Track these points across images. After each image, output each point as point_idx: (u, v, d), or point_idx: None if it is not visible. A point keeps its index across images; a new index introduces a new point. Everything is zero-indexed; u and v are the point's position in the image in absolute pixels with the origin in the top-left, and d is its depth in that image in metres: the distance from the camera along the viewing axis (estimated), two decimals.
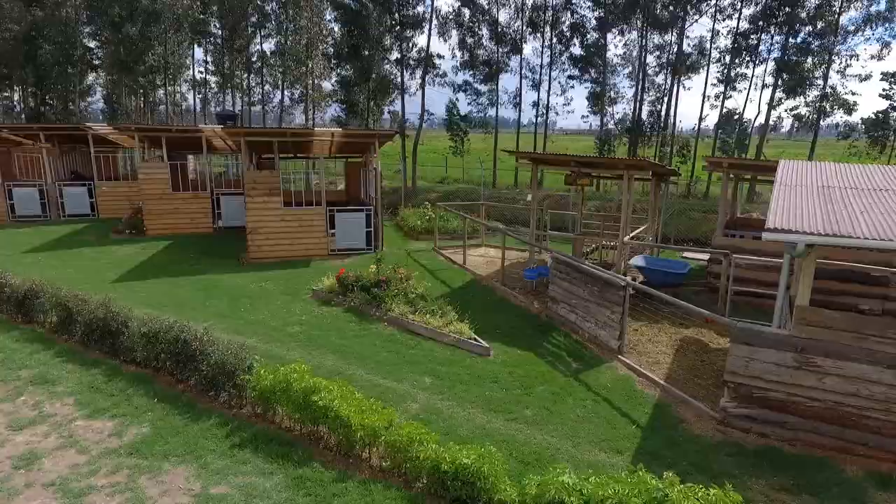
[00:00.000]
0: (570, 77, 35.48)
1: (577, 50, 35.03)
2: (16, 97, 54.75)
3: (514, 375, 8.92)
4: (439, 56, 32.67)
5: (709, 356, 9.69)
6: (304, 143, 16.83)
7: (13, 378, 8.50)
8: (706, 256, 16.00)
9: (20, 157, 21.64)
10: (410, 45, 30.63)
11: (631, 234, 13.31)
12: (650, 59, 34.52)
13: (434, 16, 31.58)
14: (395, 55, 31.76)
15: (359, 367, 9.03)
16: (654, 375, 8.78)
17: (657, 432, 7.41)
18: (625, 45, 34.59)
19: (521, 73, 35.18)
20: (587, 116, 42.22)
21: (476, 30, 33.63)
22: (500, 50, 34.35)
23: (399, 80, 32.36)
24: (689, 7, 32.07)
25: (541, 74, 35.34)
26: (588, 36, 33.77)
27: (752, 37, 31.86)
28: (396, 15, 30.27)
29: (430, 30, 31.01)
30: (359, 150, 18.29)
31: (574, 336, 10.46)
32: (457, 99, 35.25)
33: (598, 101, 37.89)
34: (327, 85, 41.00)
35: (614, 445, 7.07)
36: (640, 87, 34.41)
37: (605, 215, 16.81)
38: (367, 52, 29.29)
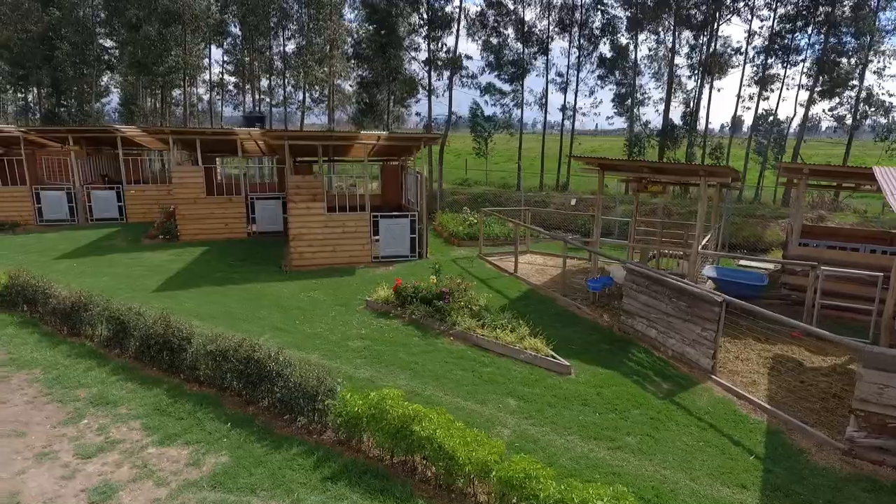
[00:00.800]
0: (599, 77, 34.88)
1: (604, 50, 34.57)
2: (30, 97, 54.76)
3: (604, 397, 8.36)
4: (468, 57, 32.09)
5: (807, 376, 9.09)
6: (344, 147, 16.34)
7: (71, 398, 8.02)
8: (768, 266, 15.41)
9: (47, 159, 21.27)
10: (441, 44, 30.08)
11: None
12: (679, 59, 33.98)
13: (462, 15, 31.04)
14: (423, 55, 31.24)
15: (435, 387, 8.50)
16: (756, 398, 8.20)
17: (778, 463, 6.83)
18: (656, 43, 33.79)
19: (546, 74, 34.65)
20: (612, 117, 41.64)
21: (502, 30, 33.15)
22: (527, 50, 33.82)
23: (426, 80, 31.83)
24: (722, 6, 31.44)
25: (567, 75, 34.80)
26: (617, 36, 33.22)
27: (788, 36, 31.20)
28: (425, 14, 29.74)
29: (458, 30, 30.52)
30: (398, 153, 17.80)
31: (656, 353, 9.89)
32: (486, 101, 34.65)
33: (622, 102, 37.35)
34: (345, 85, 40.67)
35: (736, 479, 6.50)
36: (669, 87, 33.77)
37: (661, 221, 16.20)
38: (394, 52, 28.78)
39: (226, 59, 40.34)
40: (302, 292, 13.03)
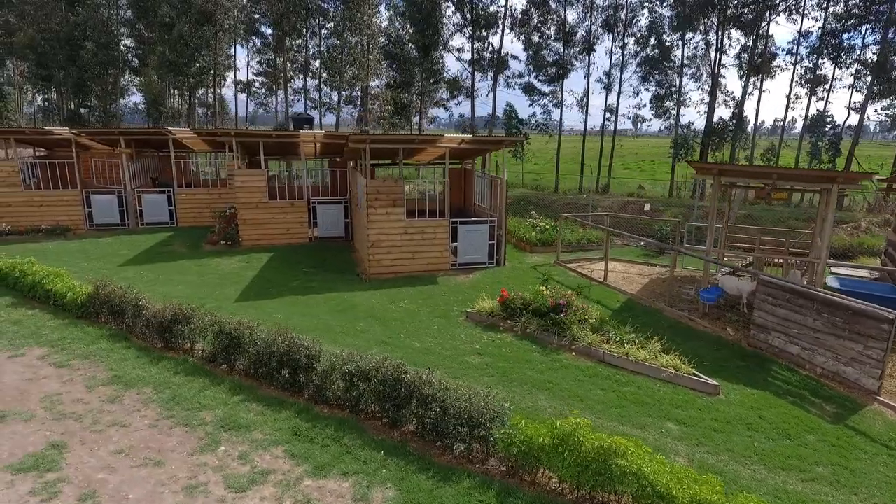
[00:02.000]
0: (642, 78, 34.27)
1: (648, 50, 33.90)
2: (50, 98, 54.67)
3: (768, 421, 7.76)
4: (514, 57, 31.58)
5: None
6: (415, 150, 15.81)
7: (198, 421, 7.50)
8: (863, 273, 14.75)
9: (95, 162, 20.89)
10: (486, 44, 29.55)
11: (790, 249, 12.11)
12: (725, 59, 33.31)
13: (507, 13, 30.50)
14: (466, 55, 30.71)
15: (583, 409, 7.92)
16: None
17: None
18: (704, 43, 33.11)
19: (588, 75, 34.07)
20: (650, 120, 41.03)
21: (545, 30, 32.56)
22: (569, 51, 33.25)
23: (456, 80, 31.32)
24: (772, 5, 30.78)
25: (610, 76, 34.22)
26: (663, 36, 32.56)
27: (842, 36, 30.51)
28: (468, 14, 29.24)
29: (502, 30, 29.97)
30: (471, 156, 17.25)
31: (801, 371, 9.28)
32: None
33: (661, 102, 36.73)
34: (374, 84, 40.22)
35: None
36: (714, 88, 33.12)
37: (758, 228, 15.54)
38: (437, 53, 28.29)
39: (257, 59, 39.90)
40: (391, 302, 12.50)
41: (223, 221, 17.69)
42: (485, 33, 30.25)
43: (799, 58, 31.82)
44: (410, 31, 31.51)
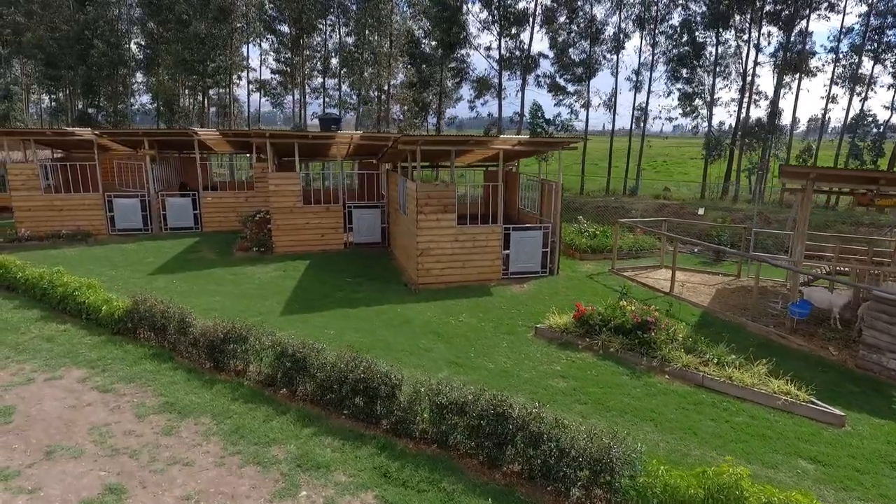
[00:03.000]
0: (673, 76, 33.37)
1: (679, 48, 33.01)
2: (57, 98, 54.11)
3: None
4: (543, 56, 30.73)
5: None
6: (462, 151, 15.00)
7: (270, 459, 6.68)
8: None
9: (119, 164, 20.17)
10: (518, 41, 28.73)
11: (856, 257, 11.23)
12: (760, 57, 32.44)
13: (537, 10, 29.65)
14: (494, 53, 29.88)
15: (698, 444, 7.08)
16: None
17: None
18: (740, 41, 32.20)
19: (617, 73, 33.22)
20: (676, 119, 40.07)
21: (572, 27, 31.72)
22: (597, 49, 32.42)
23: (497, 80, 30.51)
24: (810, 1, 29.87)
25: (639, 75, 33.34)
26: (696, 34, 31.65)
27: (888, 32, 29.58)
28: (496, 11, 28.43)
29: (532, 27, 29.15)
30: (519, 157, 16.42)
31: None
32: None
33: (690, 101, 35.84)
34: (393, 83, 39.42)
35: None
36: (750, 87, 32.22)
37: (837, 235, 14.64)
38: (463, 51, 27.51)
39: (272, 57, 39.14)
40: (449, 316, 11.67)
41: (254, 227, 16.90)
42: (515, 30, 29.41)
43: (839, 55, 30.86)
44: (431, 28, 30.71)
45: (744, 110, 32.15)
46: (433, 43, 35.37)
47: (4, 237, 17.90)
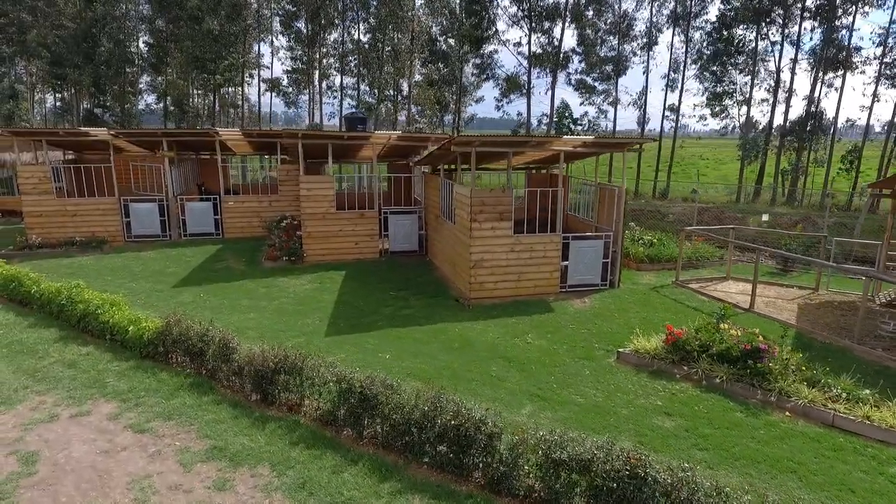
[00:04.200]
0: (708, 74, 32.17)
1: (717, 44, 31.82)
2: (66, 96, 53.20)
3: None
4: (575, 52, 29.52)
5: None
6: (518, 153, 13.89)
7: None
8: None
9: (135, 166, 19.14)
10: (550, 37, 27.61)
11: None
12: (799, 53, 31.16)
13: (569, 3, 28.48)
14: (523, 48, 28.75)
15: None
16: None
17: None
18: (782, 38, 30.98)
19: (647, 71, 32.05)
20: (705, 118, 38.90)
21: (600, 23, 30.61)
22: (627, 46, 31.31)
23: (526, 78, 29.39)
24: None
25: (669, 73, 32.18)
26: (734, 29, 30.48)
27: None
28: (526, 4, 27.32)
29: (563, 24, 28.02)
30: (575, 159, 15.29)
31: None
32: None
33: (719, 101, 34.68)
34: (404, 85, 38.34)
35: None
36: (789, 85, 31.06)
37: None
38: (490, 48, 26.41)
39: (287, 55, 38.06)
40: (514, 337, 10.55)
41: (283, 234, 15.82)
42: (547, 24, 28.28)
43: (887, 49, 29.60)
44: (451, 25, 29.63)
45: (781, 109, 31.01)
46: (451, 41, 34.40)
47: (14, 244, 16.88)
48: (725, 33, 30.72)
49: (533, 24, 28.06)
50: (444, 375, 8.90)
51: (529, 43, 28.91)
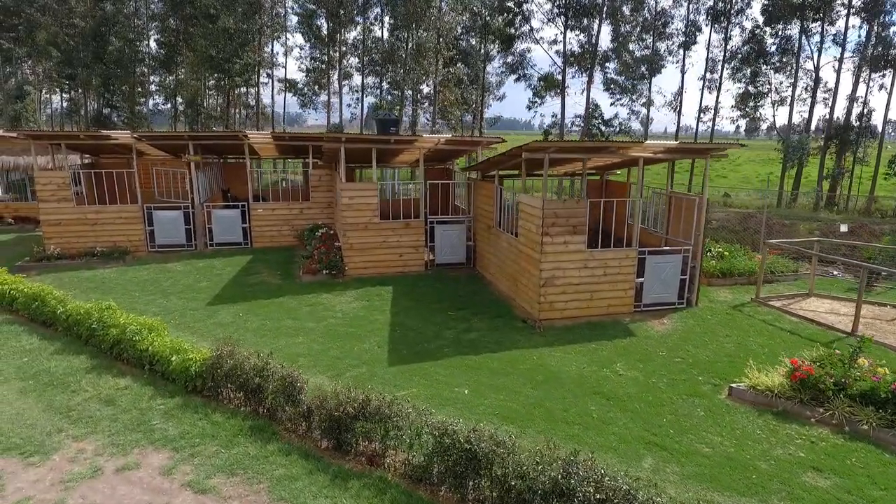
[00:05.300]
0: (748, 74, 31.01)
1: (744, 42, 30.71)
2: (73, 95, 52.40)
3: None
4: (610, 51, 28.39)
5: None
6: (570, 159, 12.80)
7: None
8: None
9: (157, 171, 18.16)
10: (588, 35, 26.53)
11: None
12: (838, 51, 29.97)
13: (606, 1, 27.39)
14: (557, 47, 27.66)
15: None
16: None
17: None
18: (823, 31, 29.75)
19: (684, 70, 30.90)
20: (735, 120, 37.73)
21: (636, 20, 29.54)
22: (662, 44, 30.21)
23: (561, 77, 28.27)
24: None
25: (705, 72, 31.03)
26: (778, 26, 29.31)
27: None
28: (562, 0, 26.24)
29: (600, 20, 26.90)
30: (652, 164, 14.15)
31: None
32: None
33: (754, 101, 33.51)
34: (423, 86, 37.31)
35: None
36: (837, 85, 29.87)
37: None
38: (523, 46, 25.34)
39: (306, 54, 37.04)
40: (601, 367, 9.46)
41: (321, 245, 14.77)
42: (586, 21, 27.19)
43: None
44: (477, 21, 28.62)
45: (819, 109, 29.90)
46: (472, 41, 33.41)
47: (31, 255, 15.88)
48: (767, 29, 29.54)
49: (568, 21, 26.97)
50: (537, 416, 7.83)
51: (565, 41, 27.84)
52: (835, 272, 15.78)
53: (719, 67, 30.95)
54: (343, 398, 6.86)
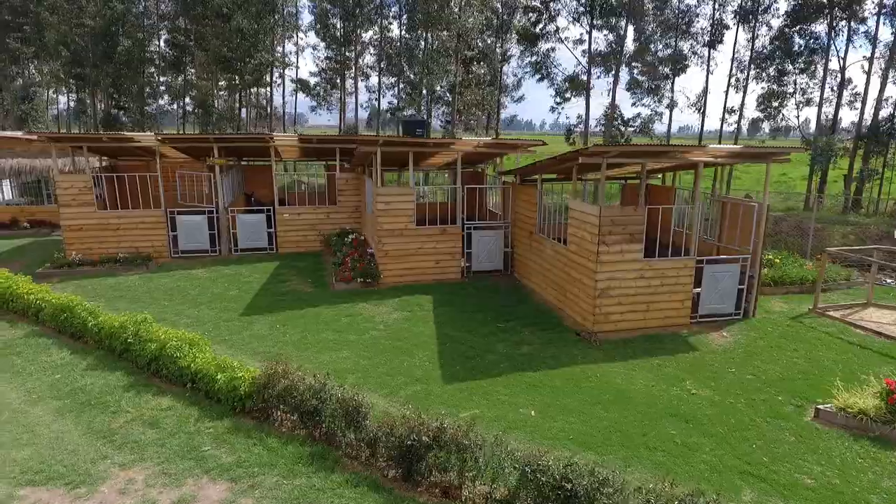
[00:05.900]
0: (776, 72, 30.43)
1: (772, 40, 30.13)
2: (75, 98, 52.04)
3: None
4: (636, 50, 27.92)
5: None
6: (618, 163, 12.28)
7: None
8: None
9: (181, 174, 17.70)
10: (617, 34, 26.00)
11: None
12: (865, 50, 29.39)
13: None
14: (582, 46, 27.13)
15: None
16: None
17: None
18: (851, 28, 29.16)
19: (707, 69, 30.33)
20: (760, 121, 37.12)
21: (660, 18, 28.98)
22: (686, 43, 29.65)
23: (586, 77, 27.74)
24: None
25: (731, 71, 30.44)
26: (805, 25, 28.71)
27: None
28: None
29: (627, 20, 26.35)
30: (713, 166, 13.61)
31: None
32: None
33: (777, 101, 32.93)
34: (436, 87, 36.78)
35: None
36: (867, 85, 29.19)
37: None
38: (547, 45, 24.83)
39: (322, 54, 36.58)
40: (669, 385, 8.94)
41: (353, 251, 14.28)
42: (614, 20, 26.67)
43: None
44: (494, 20, 28.12)
45: (844, 111, 29.30)
46: (488, 40, 32.94)
47: (52, 261, 15.44)
48: (796, 28, 28.94)
49: (594, 21, 26.44)
50: (614, 441, 7.32)
51: (590, 40, 27.30)
52: (889, 280, 15.23)
53: (745, 67, 30.32)
54: (414, 425, 6.37)
